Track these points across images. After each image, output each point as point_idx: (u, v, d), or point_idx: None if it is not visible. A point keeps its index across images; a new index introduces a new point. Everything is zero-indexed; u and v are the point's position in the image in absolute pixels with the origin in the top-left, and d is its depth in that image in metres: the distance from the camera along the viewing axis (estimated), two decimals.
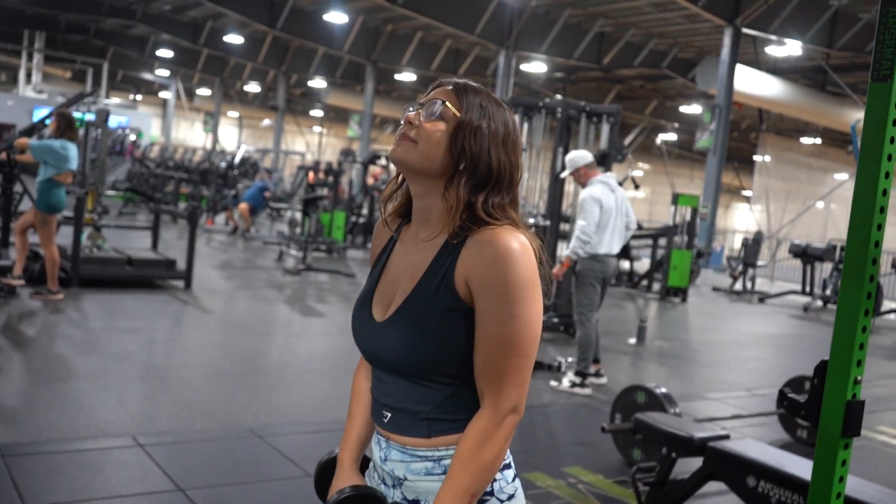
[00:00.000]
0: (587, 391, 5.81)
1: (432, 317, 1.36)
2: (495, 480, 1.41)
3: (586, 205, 5.81)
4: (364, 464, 1.59)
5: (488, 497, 1.39)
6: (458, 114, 1.41)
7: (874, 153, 2.03)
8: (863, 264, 2.04)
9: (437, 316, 1.36)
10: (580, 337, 5.90)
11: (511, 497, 1.42)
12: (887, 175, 2.05)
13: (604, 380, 6.04)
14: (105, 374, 5.12)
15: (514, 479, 1.45)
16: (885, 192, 2.05)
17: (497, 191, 1.42)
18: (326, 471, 1.61)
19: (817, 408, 2.15)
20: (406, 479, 1.42)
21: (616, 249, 5.91)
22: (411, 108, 1.45)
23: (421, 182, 1.43)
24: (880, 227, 2.06)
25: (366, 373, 1.61)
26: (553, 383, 5.96)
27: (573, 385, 5.83)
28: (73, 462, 3.66)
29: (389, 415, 1.44)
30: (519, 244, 1.34)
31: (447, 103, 1.41)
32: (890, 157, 2.04)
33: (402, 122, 1.45)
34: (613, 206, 5.87)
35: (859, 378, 2.06)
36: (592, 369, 6.02)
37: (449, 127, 1.40)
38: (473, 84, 1.45)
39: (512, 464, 1.46)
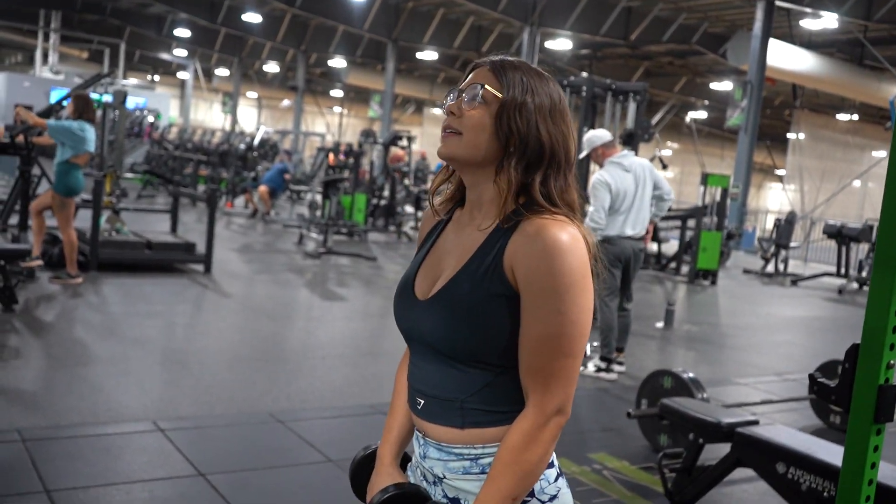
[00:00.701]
0: (612, 376, 5.81)
1: (477, 299, 1.34)
2: (538, 480, 1.38)
3: (595, 190, 5.75)
4: (404, 460, 1.57)
5: (529, 498, 1.37)
6: (499, 94, 1.38)
7: None
8: (895, 245, 2.02)
9: (483, 299, 1.34)
10: (600, 321, 5.89)
11: (553, 498, 1.40)
12: None
13: (622, 368, 6.01)
14: (125, 359, 5.19)
15: (556, 479, 1.42)
16: None
17: (554, 169, 1.39)
18: (363, 467, 1.57)
19: (849, 393, 2.14)
20: (445, 477, 1.41)
21: (633, 230, 5.79)
22: (451, 96, 1.43)
23: (472, 171, 1.41)
24: None
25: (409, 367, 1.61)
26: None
27: (598, 370, 5.83)
28: (94, 447, 3.72)
29: (423, 401, 1.43)
30: (569, 236, 1.31)
31: (486, 86, 1.38)
32: None
33: (444, 114, 1.43)
34: (630, 186, 5.76)
35: (892, 362, 2.05)
36: (614, 356, 6.00)
37: (492, 110, 1.37)
38: (511, 59, 1.42)
39: (555, 462, 1.43)
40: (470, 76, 1.43)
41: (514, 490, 1.32)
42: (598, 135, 6.03)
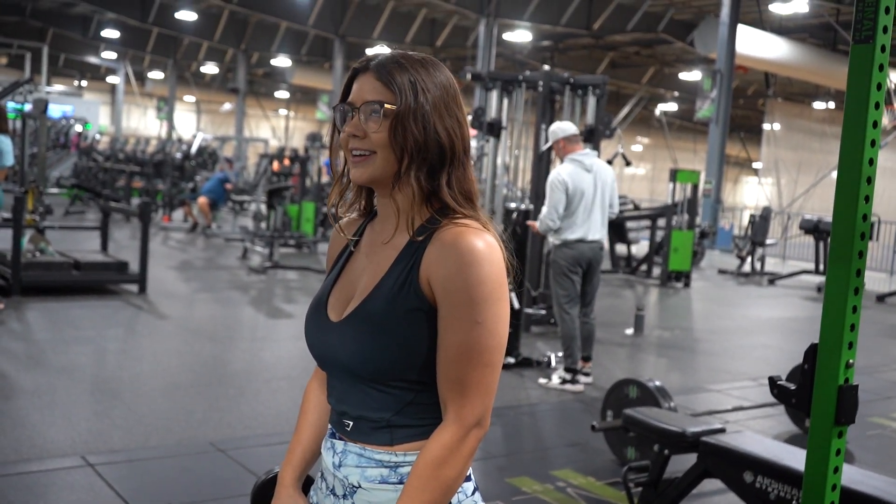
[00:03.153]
0: (579, 388, 5.87)
1: (393, 317, 1.37)
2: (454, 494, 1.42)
3: (551, 190, 5.83)
4: (307, 484, 1.60)
5: None
6: (392, 106, 1.38)
7: (858, 120, 2.08)
8: (850, 240, 2.08)
9: (399, 316, 1.37)
10: (561, 331, 5.95)
11: None
12: (873, 143, 2.09)
13: (588, 379, 6.07)
14: (50, 390, 5.14)
15: (473, 493, 1.46)
16: (871, 162, 2.09)
17: (456, 165, 1.42)
18: (265, 491, 1.61)
19: (809, 395, 2.21)
20: (360, 486, 1.44)
21: (593, 234, 5.89)
22: (348, 113, 1.43)
23: (384, 185, 1.43)
24: (868, 199, 2.11)
25: (318, 386, 1.63)
26: (542, 381, 6.03)
27: (563, 381, 5.89)
28: (16, 486, 3.68)
29: (351, 423, 1.46)
30: (485, 244, 1.35)
31: (385, 104, 1.38)
32: (875, 124, 2.08)
33: (339, 132, 1.44)
34: (589, 186, 5.85)
35: (851, 361, 2.11)
36: (580, 366, 6.07)
37: (388, 122, 1.38)
38: (393, 56, 1.42)
39: (472, 476, 1.47)
40: (355, 86, 1.43)
41: None
42: (561, 127, 6.12)
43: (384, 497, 1.42)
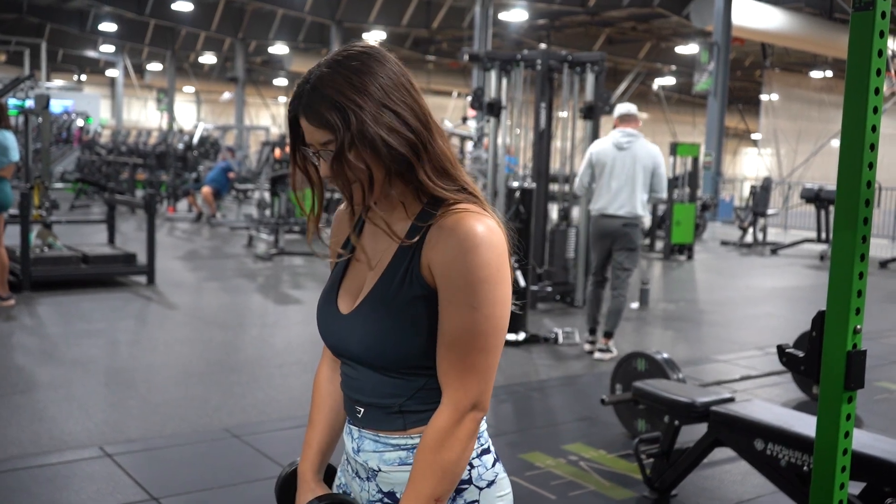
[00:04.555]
0: (595, 352, 6.18)
1: (400, 306, 1.38)
2: (473, 467, 1.44)
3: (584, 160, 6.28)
4: (329, 473, 1.62)
5: (466, 485, 1.43)
6: (331, 137, 1.35)
7: (860, 87, 2.08)
8: (855, 206, 2.08)
9: (405, 304, 1.38)
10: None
11: (491, 483, 1.46)
12: (875, 110, 2.09)
13: (603, 355, 6.11)
14: (66, 383, 5.17)
15: (494, 465, 1.48)
16: (874, 129, 2.09)
17: (424, 152, 1.38)
18: (289, 484, 1.63)
19: (817, 361, 2.22)
20: (380, 469, 1.46)
21: (613, 209, 6.00)
22: (313, 159, 1.42)
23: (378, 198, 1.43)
24: (871, 166, 2.11)
25: (328, 374, 1.64)
26: (598, 355, 6.13)
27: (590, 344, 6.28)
28: (37, 478, 3.71)
29: (362, 410, 1.47)
30: (485, 228, 1.34)
31: (326, 145, 1.36)
32: (877, 91, 2.08)
33: (299, 167, 1.45)
34: (616, 162, 6.02)
35: (859, 327, 2.12)
36: (592, 337, 6.26)
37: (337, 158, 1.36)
38: (314, 87, 1.36)
39: (491, 448, 1.49)
40: (302, 126, 1.39)
41: (436, 490, 1.36)
42: (617, 107, 6.42)
43: (404, 477, 1.44)
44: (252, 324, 7.23)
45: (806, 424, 3.10)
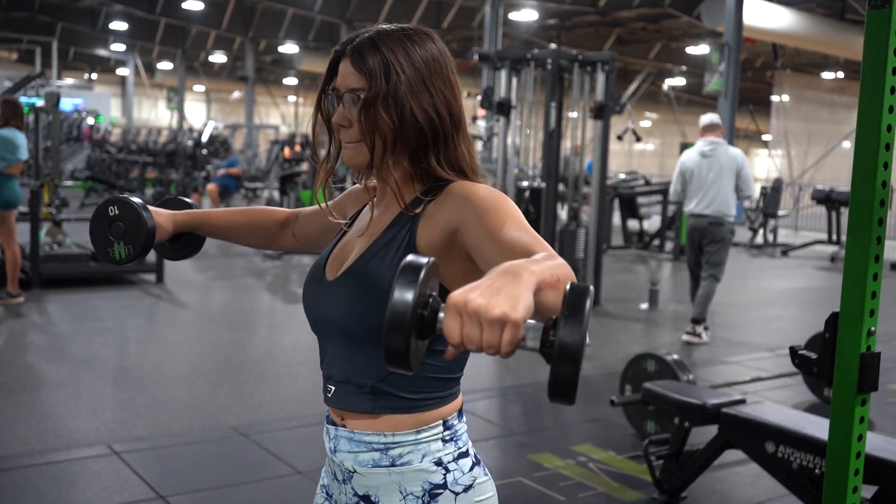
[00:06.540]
0: (693, 339, 6.77)
1: (385, 274, 1.36)
2: (448, 471, 1.39)
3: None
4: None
5: (440, 490, 1.38)
6: (361, 94, 1.36)
7: (876, 87, 2.05)
8: (870, 207, 2.06)
9: (391, 274, 1.34)
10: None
11: (469, 488, 1.41)
12: (891, 109, 2.07)
13: (696, 339, 6.76)
14: (74, 381, 5.17)
15: (472, 468, 1.42)
16: (889, 128, 2.07)
17: (443, 142, 1.39)
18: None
19: (831, 364, 2.19)
20: (356, 471, 1.43)
21: (699, 209, 6.73)
22: (333, 102, 1.42)
23: (376, 168, 1.43)
24: (886, 166, 2.08)
25: (272, 214, 1.85)
26: (685, 337, 6.78)
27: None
28: (44, 476, 3.71)
29: (333, 388, 1.45)
30: (486, 187, 1.36)
31: (360, 92, 1.36)
32: (893, 90, 2.05)
33: (322, 115, 1.45)
34: (701, 168, 6.74)
35: (873, 329, 2.10)
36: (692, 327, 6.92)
37: (361, 110, 1.37)
38: (370, 36, 1.39)
39: (471, 451, 1.44)
40: (340, 69, 1.41)
41: (544, 274, 1.05)
42: (701, 118, 7.10)
43: (379, 480, 1.41)
44: (260, 323, 7.23)
45: (818, 427, 3.07)
